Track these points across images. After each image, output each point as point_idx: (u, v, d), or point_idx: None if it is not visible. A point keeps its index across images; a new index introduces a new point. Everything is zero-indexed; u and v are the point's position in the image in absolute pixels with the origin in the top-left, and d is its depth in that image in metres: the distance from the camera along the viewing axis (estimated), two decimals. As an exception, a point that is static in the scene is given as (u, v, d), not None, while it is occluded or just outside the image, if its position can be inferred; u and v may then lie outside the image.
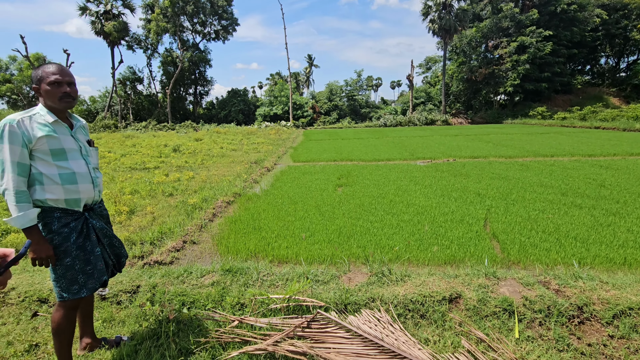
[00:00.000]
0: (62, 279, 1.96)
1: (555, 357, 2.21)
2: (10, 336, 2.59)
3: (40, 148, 1.86)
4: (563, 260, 3.33)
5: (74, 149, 1.99)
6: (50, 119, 1.91)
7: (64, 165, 1.92)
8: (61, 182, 1.90)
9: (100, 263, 2.05)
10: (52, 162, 1.89)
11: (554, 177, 7.05)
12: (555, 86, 34.07)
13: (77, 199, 1.96)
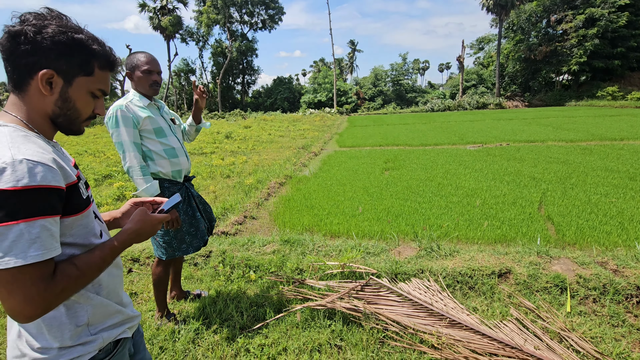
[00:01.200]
0: (174, 240, 2.31)
1: (608, 330, 2.24)
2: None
3: (145, 128, 2.20)
4: (624, 243, 3.22)
5: (167, 127, 2.34)
6: (145, 102, 2.20)
7: (165, 142, 2.26)
8: (167, 156, 2.25)
9: (202, 225, 2.42)
10: (156, 140, 2.23)
11: (621, 161, 6.53)
12: (630, 63, 30.28)
13: (179, 170, 2.33)
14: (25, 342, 0.87)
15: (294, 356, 2.15)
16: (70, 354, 0.89)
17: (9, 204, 0.72)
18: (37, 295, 0.75)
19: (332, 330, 2.35)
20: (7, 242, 0.72)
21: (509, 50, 35.89)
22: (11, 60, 0.83)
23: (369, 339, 2.24)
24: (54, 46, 0.83)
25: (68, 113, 0.90)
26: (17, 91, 0.86)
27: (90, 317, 0.92)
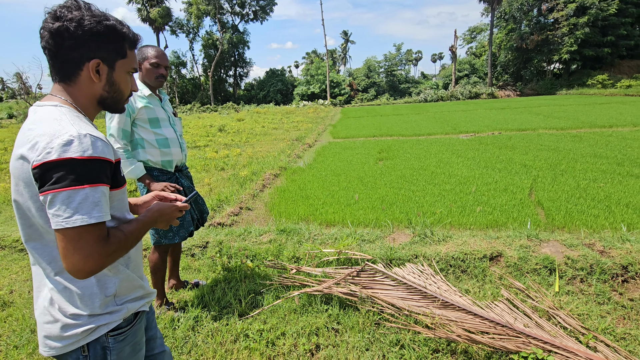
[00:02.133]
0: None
1: (594, 308, 2.34)
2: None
3: (140, 117, 2.28)
4: (611, 225, 3.32)
5: (165, 119, 2.40)
6: (147, 92, 2.31)
7: (159, 132, 2.33)
8: (158, 146, 2.33)
9: (189, 216, 2.48)
10: (150, 129, 2.31)
11: (610, 147, 6.66)
12: (620, 51, 30.55)
13: (170, 160, 2.38)
14: (57, 308, 0.96)
15: (292, 340, 2.21)
16: (98, 321, 0.98)
17: (77, 170, 0.82)
18: (97, 252, 0.85)
19: (329, 314, 2.41)
20: (74, 204, 0.82)
21: (501, 39, 35.94)
22: (59, 56, 0.92)
23: (365, 321, 2.30)
24: (94, 37, 0.92)
25: (114, 95, 1.02)
26: (67, 81, 0.96)
27: (117, 288, 1.01)
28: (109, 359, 1.01)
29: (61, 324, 0.95)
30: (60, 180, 0.81)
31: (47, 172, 0.82)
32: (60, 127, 0.85)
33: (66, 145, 0.82)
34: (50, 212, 0.83)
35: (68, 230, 0.82)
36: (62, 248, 0.83)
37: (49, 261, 0.95)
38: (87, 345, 0.98)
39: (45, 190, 0.82)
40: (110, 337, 1.00)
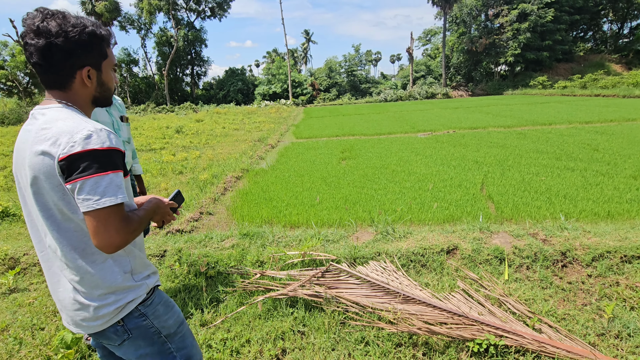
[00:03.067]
0: None
1: (538, 293, 2.54)
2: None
3: None
4: (552, 215, 3.62)
5: (107, 122, 2.24)
6: None
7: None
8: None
9: None
10: None
11: (549, 143, 7.28)
12: (556, 55, 33.52)
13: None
14: (83, 295, 1.08)
15: (258, 346, 2.17)
16: (125, 298, 1.11)
17: (100, 159, 0.95)
18: (123, 228, 0.99)
19: (294, 317, 2.40)
20: (101, 188, 0.95)
21: (453, 42, 37.93)
22: (52, 69, 1.01)
23: (331, 322, 2.32)
24: (81, 47, 1.01)
25: (105, 93, 1.14)
26: (63, 89, 1.05)
27: (132, 266, 1.14)
28: (148, 322, 1.16)
29: (93, 307, 1.07)
30: (87, 169, 0.94)
31: (74, 163, 0.93)
32: (76, 124, 0.97)
33: (87, 139, 0.95)
34: (80, 198, 0.94)
35: (99, 210, 0.95)
36: (93, 227, 0.96)
37: (70, 249, 1.04)
38: (123, 319, 1.12)
39: (75, 178, 0.94)
40: (140, 307, 1.15)
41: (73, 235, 1.04)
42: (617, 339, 2.11)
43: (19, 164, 1.05)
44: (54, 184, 0.97)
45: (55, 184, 0.98)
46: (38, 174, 0.97)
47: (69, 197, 0.99)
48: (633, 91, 19.88)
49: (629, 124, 9.55)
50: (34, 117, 1.04)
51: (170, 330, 1.23)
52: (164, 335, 1.21)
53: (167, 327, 1.22)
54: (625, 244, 2.88)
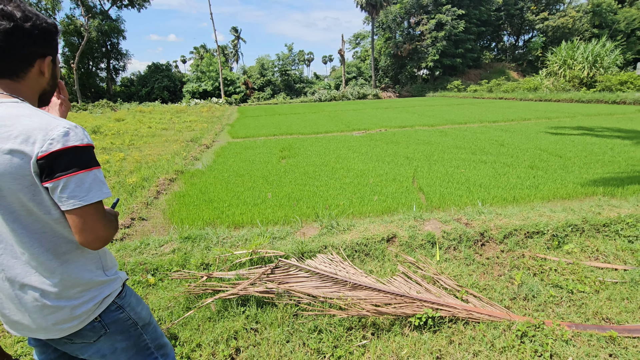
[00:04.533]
0: None
1: (464, 269, 2.90)
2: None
3: None
4: (471, 202, 4.13)
5: None
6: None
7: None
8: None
9: None
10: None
11: (466, 140, 8.22)
12: (468, 62, 37.76)
13: None
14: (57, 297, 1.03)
15: (210, 349, 2.12)
16: (102, 293, 1.10)
17: (82, 157, 0.94)
18: (108, 223, 1.02)
19: (246, 315, 2.39)
20: (87, 185, 0.95)
21: (381, 46, 40.33)
22: (11, 53, 0.95)
23: (284, 315, 2.36)
24: (44, 35, 0.99)
25: (53, 88, 1.12)
26: (15, 78, 0.99)
27: (103, 262, 1.13)
28: (123, 314, 1.16)
29: (69, 307, 1.04)
30: (71, 166, 0.92)
31: (55, 160, 0.91)
32: (47, 121, 0.93)
33: (65, 136, 0.92)
34: (63, 196, 0.92)
35: (85, 207, 0.95)
36: (79, 224, 0.96)
37: (43, 251, 0.99)
38: (100, 315, 1.11)
39: (58, 176, 0.91)
40: (117, 299, 1.15)
41: (43, 236, 0.99)
42: (525, 301, 2.52)
43: None
44: (24, 184, 0.92)
45: (26, 185, 0.93)
46: (1, 174, 0.91)
47: (41, 197, 0.95)
48: (527, 95, 23.35)
49: (525, 123, 11.22)
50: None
51: (145, 320, 1.24)
52: (139, 327, 1.22)
53: (142, 319, 1.23)
54: (527, 222, 3.43)
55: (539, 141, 7.75)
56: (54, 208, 0.97)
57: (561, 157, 6.15)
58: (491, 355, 2.01)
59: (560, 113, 13.53)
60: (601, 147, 6.82)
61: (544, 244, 3.26)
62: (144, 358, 1.25)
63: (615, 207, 3.73)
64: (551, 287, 2.64)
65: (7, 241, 0.98)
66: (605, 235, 3.37)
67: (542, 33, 38.55)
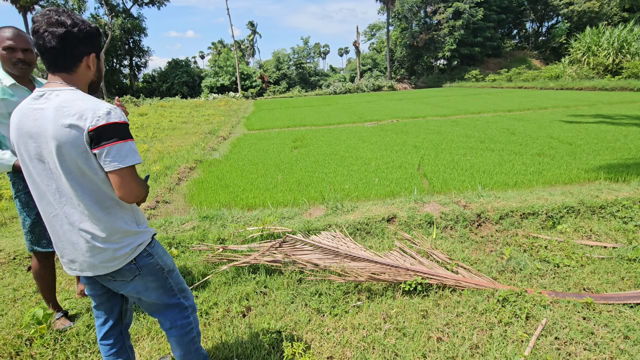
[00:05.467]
0: (31, 234, 2.19)
1: (458, 246, 3.11)
2: (14, 285, 2.93)
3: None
4: (472, 187, 4.30)
5: None
6: (8, 82, 2.00)
7: None
8: None
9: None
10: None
11: (476, 129, 8.26)
12: (487, 50, 36.73)
13: None
14: (102, 241, 1.32)
15: (225, 307, 2.45)
16: (136, 241, 1.40)
17: (120, 130, 1.22)
18: (140, 183, 1.31)
19: (257, 281, 2.71)
20: (124, 152, 1.23)
21: (397, 36, 39.78)
22: (65, 53, 1.24)
23: (289, 281, 2.67)
24: (89, 36, 1.28)
25: (99, 79, 1.41)
26: (69, 72, 1.29)
27: (136, 217, 1.43)
28: (153, 260, 1.47)
29: (112, 249, 1.34)
30: (112, 137, 1.20)
31: (101, 133, 1.19)
32: (95, 103, 1.21)
33: (108, 115, 1.20)
34: (107, 160, 1.21)
35: (124, 169, 1.23)
36: (118, 182, 1.24)
37: (92, 203, 1.29)
38: (135, 259, 1.41)
39: (103, 144, 1.19)
40: (147, 248, 1.45)
41: (93, 192, 1.28)
42: (512, 273, 2.72)
43: (36, 137, 1.23)
44: (79, 150, 1.20)
45: (81, 151, 1.21)
46: (64, 143, 1.19)
47: (91, 161, 1.23)
48: (548, 83, 22.66)
49: (542, 112, 11.06)
50: (46, 98, 1.23)
51: (170, 267, 1.55)
52: (165, 272, 1.53)
53: (167, 265, 1.54)
54: (524, 204, 3.59)
55: (552, 129, 7.71)
56: (100, 170, 1.25)
57: (571, 145, 6.16)
58: (472, 316, 2.24)
59: (580, 101, 13.20)
60: (615, 135, 6.75)
61: (539, 224, 3.42)
62: (169, 297, 1.57)
63: (615, 191, 3.82)
64: (539, 261, 2.83)
65: (68, 195, 1.28)
66: (600, 216, 3.49)
67: (567, 19, 37.00)
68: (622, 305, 2.26)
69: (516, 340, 2.02)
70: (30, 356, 2.07)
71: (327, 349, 2.04)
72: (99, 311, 1.64)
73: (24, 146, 1.27)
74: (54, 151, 1.21)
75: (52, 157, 1.22)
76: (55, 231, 1.36)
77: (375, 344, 2.05)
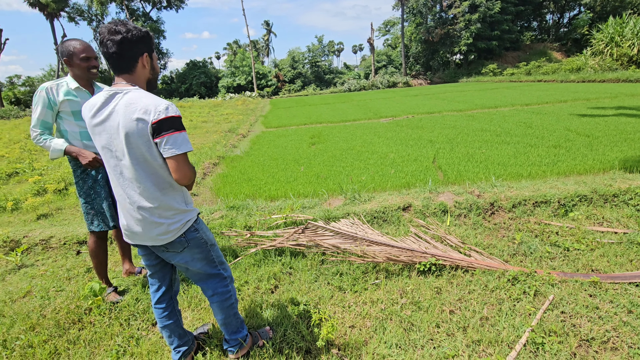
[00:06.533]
0: (86, 214, 2.55)
1: (471, 232, 3.27)
2: (67, 266, 3.29)
3: (64, 110, 2.38)
4: (486, 178, 4.42)
5: None
6: (73, 85, 2.38)
7: (82, 125, 2.42)
8: (80, 138, 2.43)
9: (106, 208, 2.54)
10: (74, 122, 2.41)
11: (493, 123, 8.28)
12: (505, 44, 35.92)
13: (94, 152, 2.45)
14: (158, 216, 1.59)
15: (255, 285, 2.71)
16: (185, 217, 1.66)
17: (177, 123, 1.46)
18: (191, 168, 1.55)
19: (282, 263, 2.96)
20: (179, 141, 1.46)
21: (412, 32, 39.38)
22: (123, 56, 1.49)
23: (312, 262, 2.91)
24: (141, 40, 1.52)
25: (155, 77, 1.65)
26: (129, 72, 1.53)
27: (185, 197, 1.68)
28: (198, 234, 1.72)
29: (166, 224, 1.60)
30: (170, 128, 1.44)
31: (162, 124, 1.43)
32: (156, 100, 1.45)
33: (167, 110, 1.44)
34: (166, 147, 1.45)
35: (180, 155, 1.47)
36: (175, 166, 1.48)
37: (151, 184, 1.54)
38: (184, 233, 1.66)
39: (162, 134, 1.43)
40: (194, 224, 1.70)
41: (152, 176, 1.53)
42: (523, 256, 2.87)
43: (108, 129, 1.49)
44: (144, 140, 1.45)
45: (145, 140, 1.45)
46: (132, 133, 1.44)
47: (152, 149, 1.48)
48: (569, 76, 22.07)
49: (560, 105, 10.90)
50: (116, 96, 1.48)
51: (212, 242, 1.81)
52: (208, 245, 1.78)
53: (210, 239, 1.79)
54: (537, 193, 3.71)
55: (570, 122, 7.66)
56: (159, 157, 1.50)
57: (588, 137, 6.15)
58: (483, 293, 2.42)
59: (602, 93, 12.88)
60: (635, 126, 6.67)
61: (551, 212, 3.53)
62: (211, 267, 1.83)
63: (629, 180, 3.88)
64: (549, 245, 2.96)
65: (131, 178, 1.53)
66: (613, 204, 3.57)
67: (589, 9, 35.74)
68: (628, 284, 2.39)
69: (524, 314, 2.19)
70: (90, 322, 2.39)
71: (349, 319, 2.27)
72: (153, 279, 1.92)
73: (98, 136, 1.55)
74: (123, 140, 1.46)
75: (121, 145, 1.47)
76: (122, 208, 1.65)
77: (393, 315, 2.26)
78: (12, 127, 16.69)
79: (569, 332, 2.02)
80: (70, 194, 5.14)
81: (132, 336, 2.24)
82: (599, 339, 1.95)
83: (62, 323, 2.37)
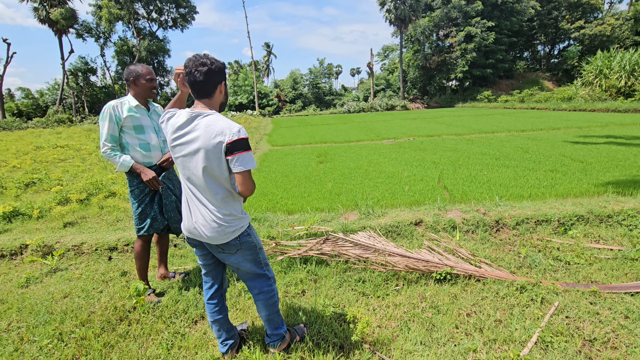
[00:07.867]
0: (137, 219, 2.80)
1: (479, 246, 3.55)
2: (101, 270, 3.48)
3: (127, 124, 2.68)
4: (490, 197, 4.74)
5: (149, 126, 2.79)
6: (134, 103, 2.70)
7: (142, 138, 2.73)
8: (141, 149, 2.73)
9: (160, 216, 2.83)
10: (135, 135, 2.71)
11: (491, 147, 8.71)
12: (499, 72, 37.38)
13: (150, 161, 2.78)
14: (219, 220, 1.82)
15: (284, 289, 2.93)
16: (241, 223, 1.91)
17: (245, 143, 1.72)
18: (254, 182, 1.81)
19: (307, 270, 3.19)
20: (247, 158, 1.73)
21: (409, 58, 40.88)
22: (207, 84, 1.77)
23: (336, 270, 3.15)
24: (220, 70, 1.80)
25: (225, 100, 1.94)
26: (209, 98, 1.81)
27: (240, 207, 1.93)
28: (250, 238, 1.96)
29: (225, 226, 1.84)
30: (242, 149, 1.70)
31: (235, 145, 1.69)
32: (230, 123, 1.71)
33: (239, 132, 1.70)
34: (236, 164, 1.71)
35: (246, 171, 1.74)
36: (242, 180, 1.75)
37: (215, 193, 1.80)
38: (239, 236, 1.90)
39: (235, 153, 1.69)
40: (247, 229, 1.95)
41: (220, 187, 1.80)
42: (528, 268, 3.14)
43: (188, 144, 1.75)
44: (217, 156, 1.71)
45: (217, 157, 1.71)
46: (209, 151, 1.70)
47: (223, 164, 1.73)
48: (561, 105, 22.99)
49: (554, 132, 11.44)
50: (198, 118, 1.73)
51: (260, 245, 2.05)
52: (257, 248, 2.02)
53: (258, 243, 2.04)
54: (538, 212, 4.02)
55: (564, 148, 8.11)
56: (226, 171, 1.76)
57: (582, 162, 6.55)
58: (495, 300, 2.68)
59: (593, 122, 13.52)
60: (625, 154, 7.11)
61: (552, 230, 3.83)
62: (258, 268, 2.06)
63: (621, 202, 4.22)
64: (552, 259, 3.24)
65: (200, 186, 1.80)
66: (608, 224, 3.89)
67: (578, 42, 37.57)
68: (624, 293, 2.66)
69: (533, 317, 2.44)
70: (136, 320, 2.59)
71: (375, 320, 2.50)
72: (208, 277, 2.16)
73: (178, 149, 1.83)
74: (200, 155, 1.71)
75: (197, 159, 1.73)
76: (187, 210, 1.90)
77: (415, 317, 2.50)
78: (17, 138, 16.90)
79: (573, 333, 2.27)
80: (92, 204, 5.35)
81: (177, 332, 2.45)
82: (601, 339, 2.20)
83: (111, 319, 2.57)
